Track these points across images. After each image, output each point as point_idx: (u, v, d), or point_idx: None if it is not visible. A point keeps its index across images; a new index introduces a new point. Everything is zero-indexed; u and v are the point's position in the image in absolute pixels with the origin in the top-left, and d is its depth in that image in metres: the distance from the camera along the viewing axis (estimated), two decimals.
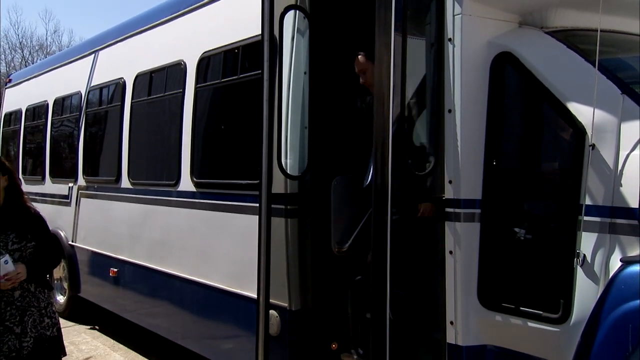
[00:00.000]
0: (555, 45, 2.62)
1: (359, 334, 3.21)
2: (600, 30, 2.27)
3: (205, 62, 4.34)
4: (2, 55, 31.54)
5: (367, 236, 3.06)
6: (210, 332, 4.28)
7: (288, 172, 3.39)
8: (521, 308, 2.46)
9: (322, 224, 3.38)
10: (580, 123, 2.35)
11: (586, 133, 2.32)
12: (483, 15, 2.67)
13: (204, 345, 4.31)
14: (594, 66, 2.30)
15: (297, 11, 3.43)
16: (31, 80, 7.94)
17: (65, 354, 3.18)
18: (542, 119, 2.63)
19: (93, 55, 6.20)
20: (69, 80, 6.63)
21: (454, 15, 2.62)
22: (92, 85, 6.09)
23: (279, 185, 3.33)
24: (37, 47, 31.61)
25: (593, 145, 2.28)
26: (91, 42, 6.53)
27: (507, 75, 2.64)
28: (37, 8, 50.03)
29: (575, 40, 2.62)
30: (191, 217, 4.35)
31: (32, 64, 22.13)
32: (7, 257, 2.80)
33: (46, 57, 24.79)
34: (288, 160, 3.42)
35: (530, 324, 2.43)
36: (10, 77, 9.24)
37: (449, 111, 2.61)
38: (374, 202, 2.58)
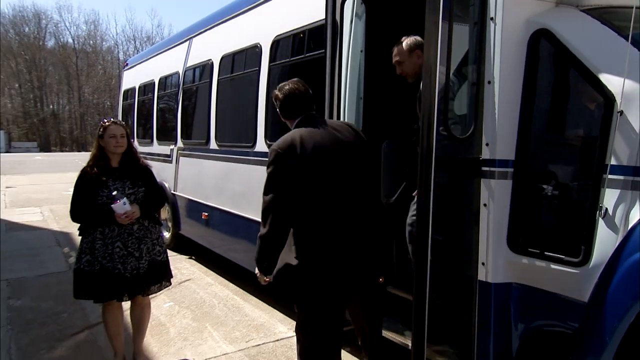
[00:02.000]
0: (590, 22, 2.36)
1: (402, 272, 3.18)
2: (637, 7, 2.04)
3: (277, 44, 4.28)
4: (121, 46, 32.68)
5: (410, 191, 3.00)
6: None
7: None
8: (545, 252, 2.34)
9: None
10: (609, 92, 2.13)
11: (615, 101, 2.10)
12: None
13: None
14: (627, 40, 2.08)
15: None
16: (142, 64, 8.17)
17: (172, 276, 3.36)
18: (574, 88, 2.41)
19: (188, 41, 6.27)
20: (170, 63, 6.76)
21: None
22: (187, 66, 6.19)
23: None
24: (145, 39, 32.60)
25: (621, 112, 2.08)
26: (186, 31, 6.59)
27: (543, 49, 2.41)
28: (145, 7, 51.18)
29: (609, 17, 2.36)
30: (265, 173, 4.40)
31: (142, 51, 22.77)
32: (125, 199, 3.01)
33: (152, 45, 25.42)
34: None
35: (553, 265, 2.30)
36: (126, 62, 9.58)
37: (489, 82, 2.44)
38: (420, 162, 2.49)
